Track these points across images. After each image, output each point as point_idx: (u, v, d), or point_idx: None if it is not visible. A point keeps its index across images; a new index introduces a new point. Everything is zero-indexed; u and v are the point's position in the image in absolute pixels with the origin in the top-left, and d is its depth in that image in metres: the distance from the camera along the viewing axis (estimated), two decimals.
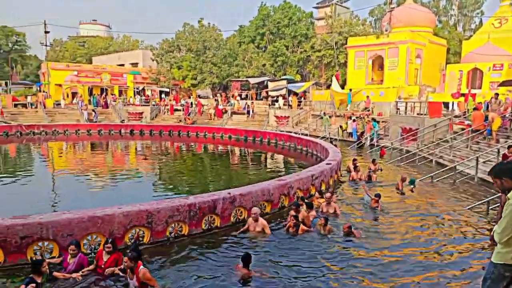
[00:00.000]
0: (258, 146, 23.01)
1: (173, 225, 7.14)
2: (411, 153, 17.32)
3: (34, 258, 5.97)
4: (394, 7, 32.83)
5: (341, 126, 24.37)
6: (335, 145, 16.90)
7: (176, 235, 7.18)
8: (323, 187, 10.99)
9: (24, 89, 47.52)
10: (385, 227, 8.24)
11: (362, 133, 22.35)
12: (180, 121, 32.66)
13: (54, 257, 6.14)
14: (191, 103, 36.51)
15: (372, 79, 33.49)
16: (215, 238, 7.38)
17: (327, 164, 11.74)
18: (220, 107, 34.03)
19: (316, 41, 38.98)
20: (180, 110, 35.62)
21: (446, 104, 24.08)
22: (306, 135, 23.38)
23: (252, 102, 34.11)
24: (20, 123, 27.34)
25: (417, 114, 21.20)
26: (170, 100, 38.28)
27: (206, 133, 27.04)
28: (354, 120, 23.42)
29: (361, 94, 28.63)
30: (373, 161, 14.06)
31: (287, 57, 40.23)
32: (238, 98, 35.82)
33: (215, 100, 36.41)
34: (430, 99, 23.48)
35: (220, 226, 7.76)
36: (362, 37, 33.97)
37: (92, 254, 6.37)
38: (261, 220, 7.63)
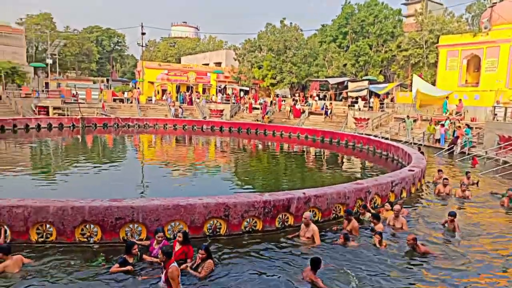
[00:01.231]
0: (334, 148, 22.55)
1: (248, 220, 7.38)
2: (509, 164, 15.48)
3: (126, 239, 6.66)
4: (496, 2, 29.49)
5: (426, 131, 22.69)
6: (422, 152, 15.70)
7: (250, 229, 7.41)
8: (403, 195, 10.40)
9: (121, 86, 52.80)
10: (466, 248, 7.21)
11: (457, 138, 20.28)
12: (257, 120, 33.38)
13: (142, 240, 6.77)
14: (270, 102, 37.08)
15: (466, 81, 30.55)
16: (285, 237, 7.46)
17: (410, 170, 11.07)
18: (298, 106, 34.01)
19: (403, 39, 36.80)
20: (258, 108, 36.41)
21: None
22: (387, 138, 22.26)
23: (331, 103, 33.48)
24: (117, 116, 30.43)
25: None
26: (249, 99, 39.34)
27: (283, 132, 27.26)
28: (442, 125, 21.64)
29: (452, 97, 26.32)
30: (467, 174, 12.47)
31: (370, 56, 38.65)
32: (317, 98, 35.43)
33: (293, 100, 36.49)
34: None
35: (293, 225, 7.81)
36: (457, 35, 31.15)
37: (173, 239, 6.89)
38: (312, 226, 7.21)
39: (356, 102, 32.18)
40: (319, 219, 8.14)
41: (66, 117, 28.03)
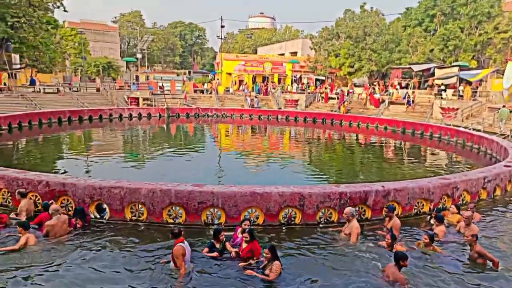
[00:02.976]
0: (417, 140, 21.14)
1: (323, 210, 7.35)
2: None
3: (207, 222, 7.11)
4: None
5: None
6: None
7: (326, 220, 7.38)
8: (497, 193, 9.43)
9: (202, 77, 55.47)
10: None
11: None
12: (332, 110, 32.61)
13: (221, 224, 7.15)
14: (347, 91, 35.93)
15: None
16: (363, 229, 7.26)
17: (506, 166, 9.97)
18: (377, 96, 32.42)
19: (501, 20, 32.73)
20: (334, 98, 35.53)
21: None
22: (479, 130, 20.20)
23: (413, 92, 31.28)
24: (198, 106, 32.10)
25: None
26: (325, 88, 38.55)
27: (360, 122, 26.30)
28: None
29: None
30: None
31: (461, 40, 35.10)
32: (398, 87, 33.37)
33: (372, 88, 34.86)
34: None
35: (370, 219, 7.59)
36: None
37: (251, 225, 7.15)
38: (353, 223, 6.73)
39: (444, 91, 29.61)
40: (399, 214, 7.78)
41: (154, 107, 30.35)
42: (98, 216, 7.32)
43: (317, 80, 44.91)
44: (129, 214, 7.23)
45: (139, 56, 55.02)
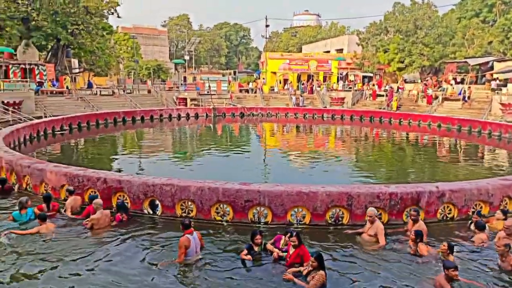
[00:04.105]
0: (474, 138, 19.87)
1: None
2: None
3: (254, 220, 7.20)
4: None
5: None
6: None
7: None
8: None
9: (247, 77, 56.05)
10: None
11: None
12: (381, 108, 31.51)
13: (267, 222, 7.20)
14: (397, 88, 34.56)
15: None
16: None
17: None
18: (429, 92, 30.86)
19: None
20: (382, 95, 34.33)
21: None
22: None
23: (469, 87, 29.39)
24: (243, 106, 32.50)
25: None
26: (373, 85, 37.36)
27: (411, 120, 25.20)
28: None
29: None
30: None
31: None
32: (452, 82, 31.51)
33: (424, 84, 33.23)
34: None
35: (423, 221, 7.26)
36: None
37: (297, 225, 7.15)
38: (377, 223, 6.52)
39: (504, 86, 27.52)
40: (455, 216, 7.38)
41: (201, 107, 31.18)
42: (151, 212, 7.67)
43: (364, 77, 43.67)
44: (180, 211, 7.50)
45: (186, 58, 56.80)
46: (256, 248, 5.91)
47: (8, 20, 29.02)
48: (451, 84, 30.83)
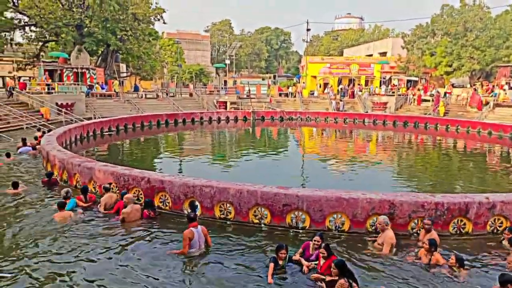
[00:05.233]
0: None
1: (416, 221, 6.87)
2: None
3: (291, 225, 7.16)
4: None
5: None
6: None
7: (418, 231, 6.88)
8: None
9: (286, 81, 56.03)
10: None
11: None
12: (426, 113, 30.20)
13: (305, 227, 7.13)
14: (444, 93, 33.03)
15: None
16: (464, 244, 6.61)
17: None
18: (480, 97, 29.14)
19: None
20: (428, 100, 32.92)
21: None
22: None
23: None
24: (282, 109, 32.47)
25: None
26: (418, 90, 35.94)
27: (459, 127, 23.96)
28: None
29: None
30: None
31: None
32: (506, 87, 29.59)
33: (474, 89, 31.48)
34: None
35: (471, 233, 6.88)
36: None
37: (336, 231, 7.02)
38: (387, 232, 6.33)
39: None
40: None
41: (240, 111, 31.54)
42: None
43: (408, 81, 42.12)
44: (218, 212, 7.62)
45: (227, 62, 57.76)
46: (280, 262, 5.66)
47: (64, 27, 31.06)
48: (504, 89, 28.99)
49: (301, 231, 7.09)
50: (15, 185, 9.44)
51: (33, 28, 33.25)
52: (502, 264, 5.88)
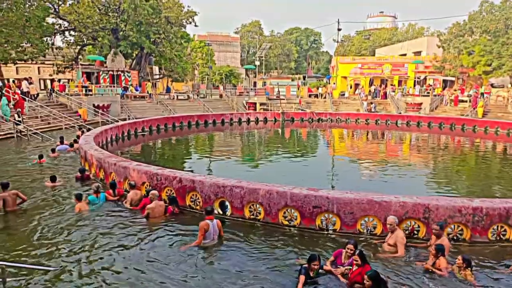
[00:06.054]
0: None
1: (452, 226, 6.62)
2: None
3: (321, 227, 7.09)
4: None
5: None
6: None
7: (455, 237, 6.63)
8: None
9: (316, 82, 55.48)
10: None
11: None
12: (464, 115, 28.98)
13: (336, 230, 7.04)
14: (481, 93, 31.60)
15: None
16: (500, 252, 6.30)
17: None
18: None
19: None
20: (465, 101, 31.61)
21: None
22: None
23: None
24: (312, 111, 32.20)
25: None
26: (455, 90, 34.59)
27: (499, 128, 22.85)
28: None
29: None
30: None
31: None
32: None
33: None
34: None
35: None
36: None
37: (368, 234, 6.88)
38: (397, 232, 6.32)
39: None
40: None
41: (269, 112, 31.57)
42: (221, 212, 7.95)
43: (444, 81, 40.62)
44: (248, 213, 7.67)
45: (257, 63, 57.94)
46: (312, 274, 5.43)
47: (100, 31, 32.32)
48: None
49: (331, 233, 7.01)
50: (53, 179, 10.17)
51: (72, 32, 34.89)
52: None
